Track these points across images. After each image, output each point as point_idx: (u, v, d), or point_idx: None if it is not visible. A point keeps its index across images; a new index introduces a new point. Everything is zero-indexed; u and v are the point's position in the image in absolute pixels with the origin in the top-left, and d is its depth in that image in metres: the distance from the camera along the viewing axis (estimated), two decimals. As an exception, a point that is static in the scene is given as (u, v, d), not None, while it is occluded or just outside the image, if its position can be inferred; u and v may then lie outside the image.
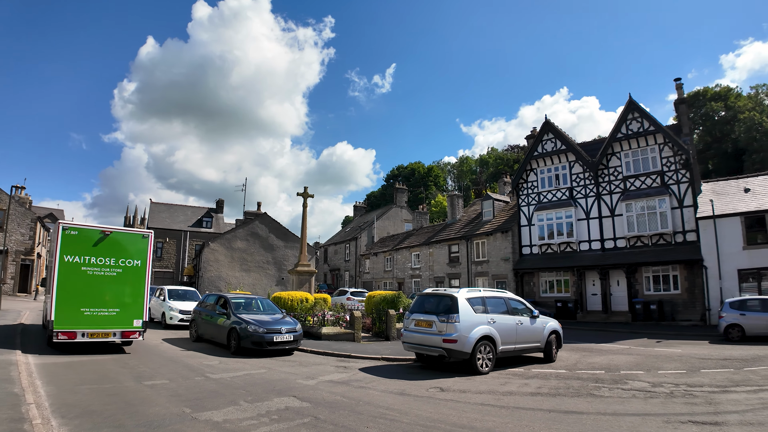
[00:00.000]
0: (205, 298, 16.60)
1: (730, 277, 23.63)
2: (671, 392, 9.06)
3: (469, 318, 11.12)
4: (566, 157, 30.20)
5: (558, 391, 9.13)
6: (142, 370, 10.44)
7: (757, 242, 23.30)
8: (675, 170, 26.33)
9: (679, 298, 25.29)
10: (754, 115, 52.52)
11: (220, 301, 15.19)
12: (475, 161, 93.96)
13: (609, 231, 27.90)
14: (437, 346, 11.04)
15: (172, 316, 19.79)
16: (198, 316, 15.85)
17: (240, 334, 12.98)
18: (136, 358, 11.96)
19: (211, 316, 14.83)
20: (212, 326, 14.69)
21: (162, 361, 11.69)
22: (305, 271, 24.20)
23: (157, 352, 13.35)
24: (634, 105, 27.88)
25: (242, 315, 13.82)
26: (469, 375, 10.78)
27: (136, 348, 13.72)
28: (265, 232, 37.28)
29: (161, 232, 50.30)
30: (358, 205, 62.30)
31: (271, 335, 12.96)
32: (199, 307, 16.31)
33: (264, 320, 13.58)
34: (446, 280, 35.76)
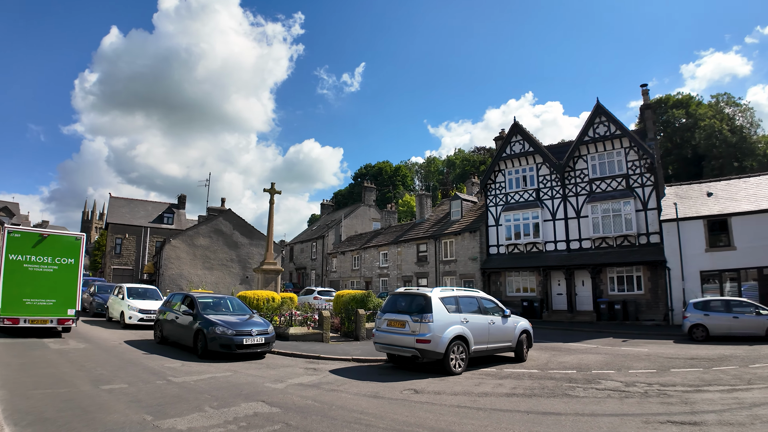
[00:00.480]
0: (171, 297, 15.44)
1: (693, 278, 24.26)
2: (645, 392, 9.08)
3: (443, 318, 10.93)
4: (534, 159, 30.46)
5: (533, 392, 9.04)
6: (99, 373, 9.84)
7: (719, 245, 24.00)
8: (640, 174, 26.82)
9: (643, 298, 25.77)
10: (714, 123, 54.34)
11: (186, 300, 14.23)
12: (442, 162, 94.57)
13: (575, 232, 28.25)
14: (410, 346, 10.79)
15: (131, 316, 18.93)
16: (163, 316, 14.82)
17: (207, 336, 12.12)
18: (93, 360, 11.34)
19: (177, 317, 13.88)
20: (178, 327, 13.73)
21: (121, 364, 11.09)
22: (271, 269, 23.64)
23: (116, 353, 12.71)
24: (602, 109, 28.29)
25: (210, 315, 12.91)
26: (442, 376, 10.58)
27: (94, 349, 13.12)
28: (229, 229, 36.34)
29: (121, 227, 48.56)
30: (325, 203, 61.67)
31: (241, 338, 12.20)
32: (165, 306, 15.18)
33: (233, 321, 12.78)
34: (414, 279, 35.63)
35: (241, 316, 13.65)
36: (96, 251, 78.18)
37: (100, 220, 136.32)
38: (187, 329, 13.13)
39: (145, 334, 17.04)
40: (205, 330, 12.28)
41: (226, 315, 13.45)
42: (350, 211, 51.04)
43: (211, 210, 37.64)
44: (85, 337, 15.78)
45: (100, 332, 17.29)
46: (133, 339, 15.66)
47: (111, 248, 48.41)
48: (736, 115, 59.09)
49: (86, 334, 16.63)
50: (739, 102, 60.82)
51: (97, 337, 15.73)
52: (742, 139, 55.24)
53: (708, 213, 24.67)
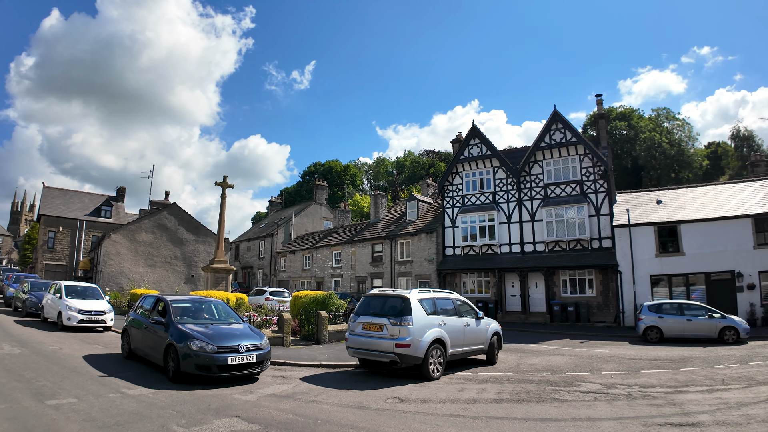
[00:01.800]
0: (142, 300, 12.67)
1: (643, 282, 25.02)
2: (629, 394, 9.09)
3: (422, 320, 10.51)
4: (491, 163, 30.63)
5: (520, 397, 8.84)
6: (41, 384, 8.68)
7: (668, 250, 24.84)
8: (593, 180, 27.43)
9: (594, 300, 26.36)
10: (654, 135, 56.90)
11: (158, 305, 11.55)
12: (391, 163, 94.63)
13: (529, 235, 28.58)
14: (389, 351, 10.26)
15: (70, 317, 17.26)
16: (130, 324, 12.01)
17: (179, 352, 9.30)
18: (32, 369, 10.09)
19: (146, 326, 11.07)
20: (148, 339, 10.91)
21: (64, 373, 9.83)
22: (222, 268, 22.56)
23: (57, 360, 11.38)
24: (558, 116, 28.76)
25: (186, 325, 10.07)
26: (420, 381, 10.16)
27: (31, 355, 11.75)
28: (173, 225, 34.46)
29: (54, 220, 45.38)
30: (274, 201, 60.12)
31: (225, 356, 9.28)
32: (134, 312, 12.37)
33: (215, 333, 9.91)
34: (369, 279, 35.09)
35: (227, 325, 10.83)
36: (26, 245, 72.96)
37: (31, 211, 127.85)
38: (157, 342, 10.33)
39: (86, 337, 15.75)
40: (177, 345, 9.41)
41: (208, 324, 10.61)
42: (301, 209, 49.82)
43: (154, 203, 35.67)
44: (20, 340, 14.25)
45: (36, 335, 15.68)
46: (75, 344, 14.22)
47: (43, 242, 45.16)
48: (674, 129, 62.14)
49: (20, 336, 15.04)
50: (678, 117, 64.13)
51: (34, 341, 14.19)
52: (680, 152, 58.17)
53: (658, 220, 25.45)
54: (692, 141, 63.37)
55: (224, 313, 11.80)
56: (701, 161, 59.23)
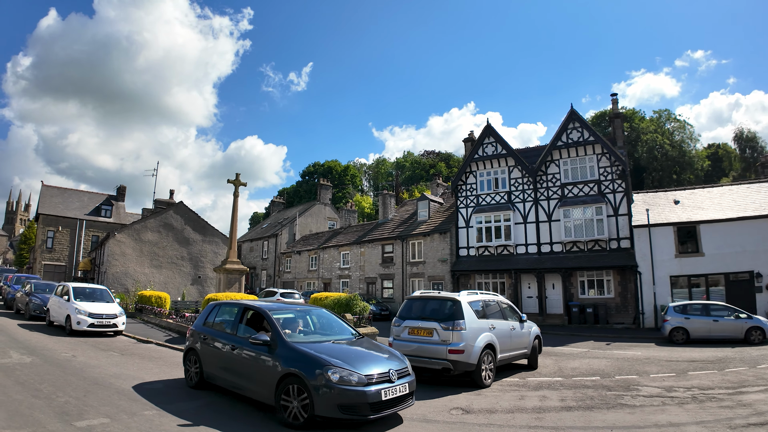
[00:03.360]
0: (214, 310, 9.43)
1: (663, 282, 24.68)
2: (693, 397, 8.89)
3: (474, 325, 9.93)
4: (506, 162, 30.06)
5: (587, 404, 8.40)
6: (63, 401, 7.64)
7: (688, 251, 24.57)
8: (611, 180, 26.93)
9: (612, 302, 25.90)
10: (656, 137, 56.66)
11: (246, 316, 8.60)
12: (391, 164, 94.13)
13: (546, 236, 28.02)
14: (441, 358, 9.63)
15: (80, 321, 16.26)
16: (201, 341, 8.84)
17: (310, 386, 6.45)
18: (48, 381, 9.08)
19: (233, 345, 8.01)
20: (238, 363, 7.84)
21: (85, 385, 8.82)
22: (235, 269, 21.88)
23: (74, 370, 10.29)
24: (575, 115, 28.27)
25: (302, 344, 7.29)
26: (470, 389, 9.58)
27: (44, 364, 10.70)
28: (180, 224, 33.64)
29: (53, 219, 44.43)
30: (276, 201, 59.41)
31: (377, 388, 6.54)
32: (203, 326, 9.18)
33: (346, 354, 7.12)
34: (379, 280, 34.41)
35: (347, 342, 7.87)
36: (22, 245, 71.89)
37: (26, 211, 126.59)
38: (260, 371, 7.35)
39: (98, 343, 14.85)
40: (304, 375, 6.56)
41: (322, 340, 7.79)
42: (305, 209, 49.05)
43: (159, 202, 34.82)
44: (28, 346, 13.22)
45: (44, 340, 14.66)
46: (89, 350, 13.31)
47: (42, 242, 44.19)
48: (675, 131, 61.95)
49: (27, 342, 13.99)
50: (679, 118, 63.92)
51: (43, 347, 13.19)
52: (682, 153, 57.99)
53: (677, 220, 25.18)
54: (694, 142, 63.33)
55: (326, 324, 8.76)
56: (702, 163, 59.08)
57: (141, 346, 14.83)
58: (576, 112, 28.41)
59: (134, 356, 12.66)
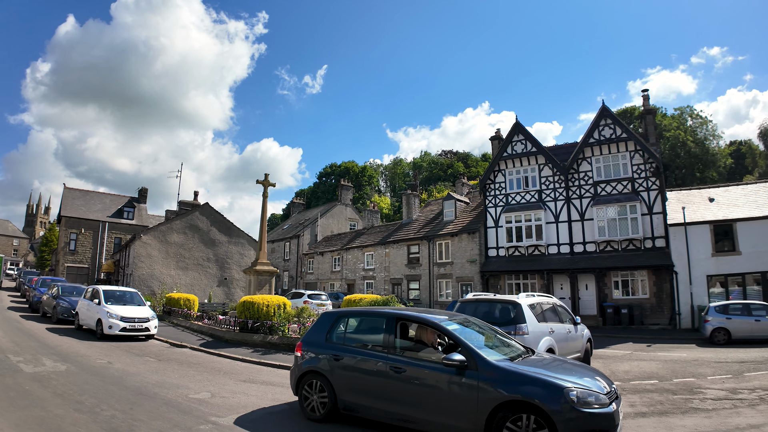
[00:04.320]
0: (339, 320, 7.70)
1: (699, 282, 24.12)
2: (762, 398, 8.78)
3: (535, 329, 9.54)
4: (536, 160, 29.43)
5: (658, 408, 8.25)
6: (109, 414, 7.13)
7: (725, 250, 24.00)
8: (645, 177, 26.25)
9: (647, 302, 25.26)
10: (679, 134, 55.52)
11: (397, 326, 7.02)
12: (408, 164, 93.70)
13: (578, 235, 27.36)
14: None
15: (111, 325, 15.86)
16: (330, 362, 7.20)
17: (553, 415, 5.31)
18: (88, 392, 8.47)
19: (397, 366, 6.49)
20: (408, 390, 6.37)
21: (129, 396, 8.35)
22: (266, 270, 21.54)
23: (113, 379, 9.71)
24: (607, 111, 27.63)
25: (511, 364, 6.00)
26: None
27: (80, 372, 10.17)
28: (206, 225, 33.44)
29: (75, 221, 44.61)
30: (295, 202, 59.21)
31: (615, 409, 5.58)
32: (331, 343, 7.42)
33: (560, 370, 6.05)
34: (404, 282, 33.94)
35: (517, 352, 6.70)
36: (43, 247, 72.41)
37: (46, 214, 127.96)
38: (449, 396, 6.00)
39: (131, 348, 14.50)
40: (545, 403, 5.34)
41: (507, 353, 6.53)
42: (326, 210, 48.72)
43: (183, 204, 34.65)
44: (60, 353, 12.65)
45: (76, 345, 14.16)
46: (123, 356, 12.86)
47: (65, 244, 44.38)
48: (697, 128, 60.76)
49: (59, 348, 13.41)
50: (701, 115, 62.63)
51: (76, 354, 12.64)
52: (705, 151, 56.85)
53: (713, 218, 24.62)
54: (716, 139, 62.09)
55: (492, 335, 7.24)
56: (725, 160, 57.86)
57: (176, 351, 14.53)
58: (608, 108, 27.79)
59: (172, 362, 12.33)
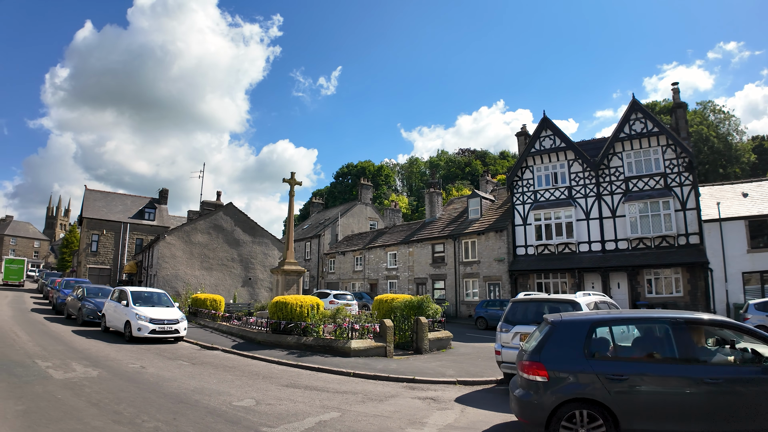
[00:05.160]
0: (595, 328, 6.37)
1: (735, 279, 23.61)
2: None
3: None
4: (565, 156, 28.74)
5: None
6: (151, 426, 6.71)
7: (761, 246, 23.46)
8: (678, 172, 25.51)
9: (681, 300, 24.52)
10: (702, 129, 54.28)
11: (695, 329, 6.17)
12: (424, 163, 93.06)
13: (610, 232, 26.65)
14: None
15: (140, 327, 15.46)
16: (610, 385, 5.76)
17: None
18: (125, 400, 8.02)
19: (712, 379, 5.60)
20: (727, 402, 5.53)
21: (168, 404, 7.89)
22: (293, 270, 21.20)
23: (149, 385, 9.33)
24: (638, 105, 26.94)
25: None
26: None
27: (113, 378, 9.74)
28: (230, 225, 33.23)
29: (97, 222, 44.82)
30: (314, 202, 58.94)
31: None
32: (598, 360, 6.03)
33: None
34: (429, 281, 33.43)
35: None
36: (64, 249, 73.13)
37: (66, 216, 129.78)
38: None
39: (161, 350, 14.16)
40: None
41: None
42: (346, 209, 48.33)
43: (207, 204, 34.46)
44: (89, 357, 12.20)
45: (105, 349, 13.77)
46: (156, 360, 12.46)
47: (86, 245, 44.59)
48: (719, 123, 59.46)
49: (87, 352, 12.99)
50: (724, 110, 61.23)
51: (106, 358, 12.24)
52: (728, 146, 55.57)
53: (748, 213, 24.00)
54: (740, 135, 60.69)
55: None
56: (748, 155, 56.50)
57: (208, 354, 14.17)
58: (638, 102, 27.12)
59: (206, 366, 11.94)
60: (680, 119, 27.54)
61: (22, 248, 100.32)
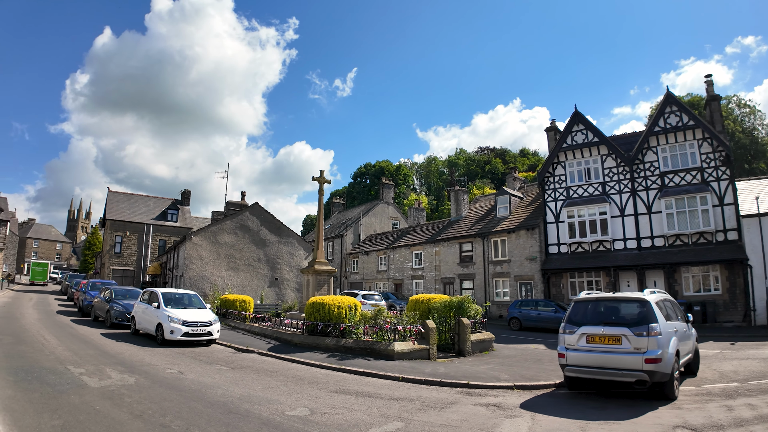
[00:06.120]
0: None
1: (774, 277, 22.68)
2: None
3: (665, 328, 8.58)
4: (598, 151, 28.01)
5: None
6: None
7: (799, 242, 22.53)
8: (715, 167, 24.73)
9: (720, 298, 23.79)
10: (728, 123, 52.92)
11: None
12: (442, 162, 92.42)
13: (646, 229, 25.90)
14: (635, 369, 8.22)
15: (173, 330, 15.10)
16: None
17: None
18: (170, 411, 7.49)
19: None
20: None
21: (219, 416, 7.32)
22: (324, 270, 20.92)
23: (192, 393, 8.81)
24: (672, 98, 26.21)
25: None
26: (661, 402, 8.40)
27: (152, 386, 9.17)
28: (256, 225, 32.96)
29: (120, 224, 45.03)
30: (335, 201, 58.64)
31: None
32: None
33: None
34: (457, 281, 32.88)
35: None
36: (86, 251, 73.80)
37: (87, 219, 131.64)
38: None
39: (196, 354, 13.77)
40: None
41: None
42: (368, 209, 47.93)
43: (231, 204, 34.27)
44: (122, 361, 11.82)
45: (138, 353, 13.40)
46: (193, 364, 11.96)
47: (110, 247, 44.80)
48: (744, 118, 58.02)
49: (120, 356, 12.63)
50: (749, 104, 59.69)
51: (140, 362, 11.82)
52: (754, 141, 54.14)
53: (788, 208, 23.06)
54: (766, 129, 59.04)
55: None
56: (775, 150, 55.03)
57: (245, 357, 13.77)
58: (672, 95, 26.38)
59: (246, 370, 11.50)
60: (715, 112, 26.63)
61: (44, 250, 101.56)
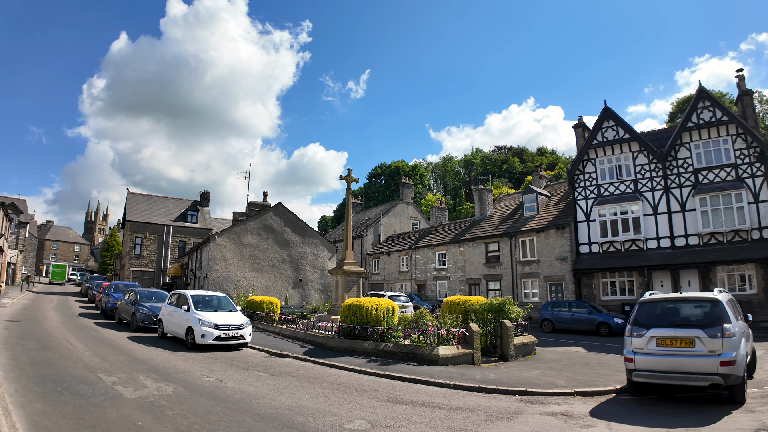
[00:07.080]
0: None
1: (811, 276, 22.05)
2: None
3: (737, 329, 8.18)
4: (629, 147, 27.38)
5: None
6: None
7: (834, 240, 21.95)
8: (749, 163, 24.10)
9: (755, 298, 23.11)
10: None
11: None
12: (458, 162, 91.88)
13: (679, 227, 25.27)
14: (709, 372, 7.82)
15: (204, 333, 14.68)
16: None
17: None
18: (218, 425, 6.89)
19: None
20: None
21: (268, 429, 6.81)
22: (354, 271, 20.64)
23: (236, 403, 8.31)
24: (705, 93, 25.54)
25: None
26: (731, 406, 8.07)
27: (192, 395, 8.75)
28: (280, 226, 32.75)
29: (140, 225, 45.07)
30: (354, 202, 58.32)
31: None
32: None
33: None
34: (483, 281, 32.38)
35: None
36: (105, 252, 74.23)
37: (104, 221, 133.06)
38: None
39: (230, 359, 13.35)
40: None
41: None
42: (388, 209, 47.59)
43: (253, 205, 34.09)
44: (155, 368, 11.39)
45: (170, 358, 12.97)
46: (230, 371, 11.45)
47: (130, 248, 44.86)
48: (766, 114, 56.84)
49: (152, 362, 12.24)
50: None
51: (174, 369, 11.36)
52: (776, 137, 52.90)
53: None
54: (787, 125, 57.85)
55: None
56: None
57: (281, 362, 13.32)
58: (705, 89, 25.73)
59: (287, 377, 11.05)
60: (747, 107, 26.01)
61: (62, 252, 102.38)
